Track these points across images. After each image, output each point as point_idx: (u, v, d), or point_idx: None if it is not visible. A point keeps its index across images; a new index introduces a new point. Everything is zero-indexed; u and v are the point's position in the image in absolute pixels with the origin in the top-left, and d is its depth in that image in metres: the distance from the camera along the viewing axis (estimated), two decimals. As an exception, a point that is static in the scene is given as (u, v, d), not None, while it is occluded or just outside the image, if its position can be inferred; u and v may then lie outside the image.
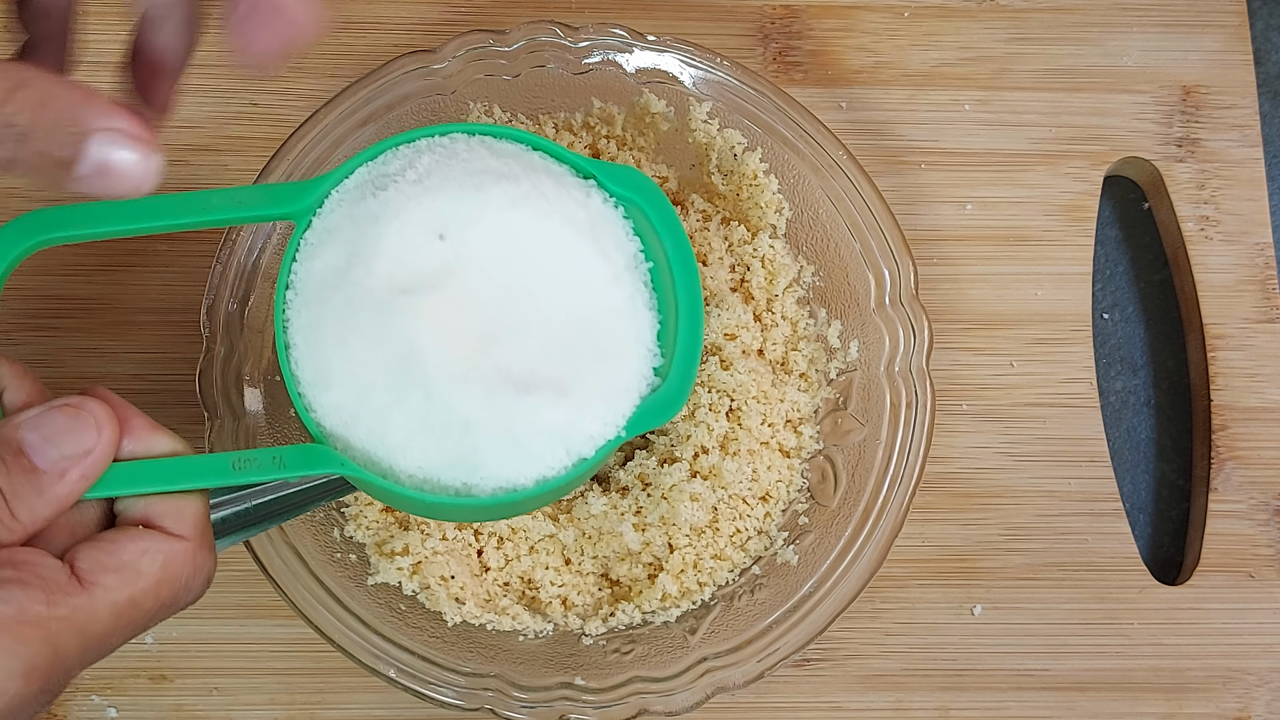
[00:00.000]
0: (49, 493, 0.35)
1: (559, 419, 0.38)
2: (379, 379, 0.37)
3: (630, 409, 0.40)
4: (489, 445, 0.37)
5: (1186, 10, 0.62)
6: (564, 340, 0.39)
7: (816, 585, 0.51)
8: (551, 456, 0.38)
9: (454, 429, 0.37)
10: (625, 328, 0.39)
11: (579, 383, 0.39)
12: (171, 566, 0.36)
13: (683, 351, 0.40)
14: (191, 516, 0.37)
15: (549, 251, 0.39)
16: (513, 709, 0.49)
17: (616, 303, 0.39)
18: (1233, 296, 0.59)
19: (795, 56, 0.62)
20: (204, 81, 0.60)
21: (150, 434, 0.38)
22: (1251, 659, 0.56)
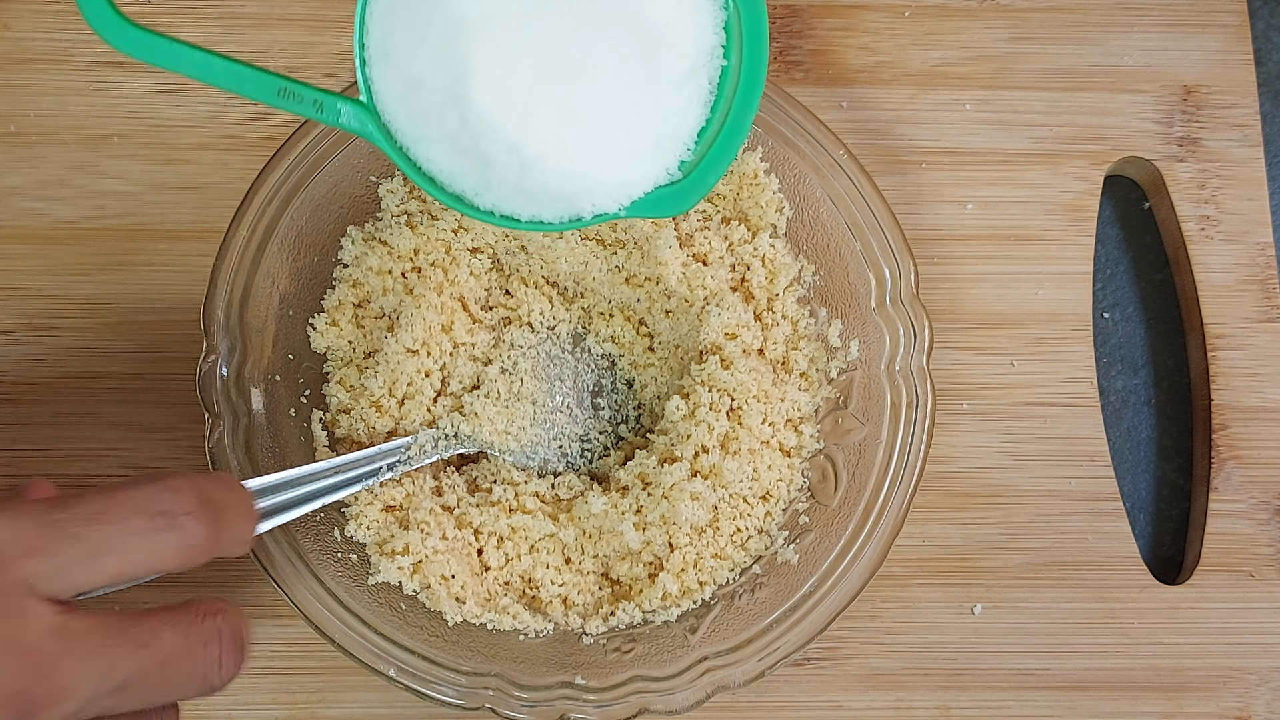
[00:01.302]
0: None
1: (570, 172, 0.40)
2: (427, 80, 0.40)
3: (640, 192, 0.42)
4: (500, 177, 0.40)
5: (1187, 10, 0.62)
6: (605, 105, 0.40)
7: (817, 584, 0.51)
8: (550, 209, 0.41)
9: (475, 155, 0.40)
10: (669, 115, 0.41)
11: (602, 148, 0.41)
12: None
13: (713, 157, 0.41)
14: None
15: (629, 6, 0.39)
16: (513, 708, 0.49)
17: (672, 86, 0.41)
18: (1233, 296, 0.59)
19: (796, 56, 0.62)
20: (204, 81, 0.60)
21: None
22: (1252, 659, 0.56)
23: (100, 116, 0.59)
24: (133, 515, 0.34)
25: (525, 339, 0.55)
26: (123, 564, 0.34)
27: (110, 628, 0.34)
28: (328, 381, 0.55)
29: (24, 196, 0.58)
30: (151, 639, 0.34)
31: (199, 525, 0.35)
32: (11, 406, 0.56)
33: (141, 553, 0.34)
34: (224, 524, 0.37)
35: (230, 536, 0.37)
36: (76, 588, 0.34)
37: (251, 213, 0.52)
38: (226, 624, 0.37)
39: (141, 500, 0.35)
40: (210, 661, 0.36)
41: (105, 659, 0.33)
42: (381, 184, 0.55)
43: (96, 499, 0.34)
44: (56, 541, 0.33)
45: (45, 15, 0.60)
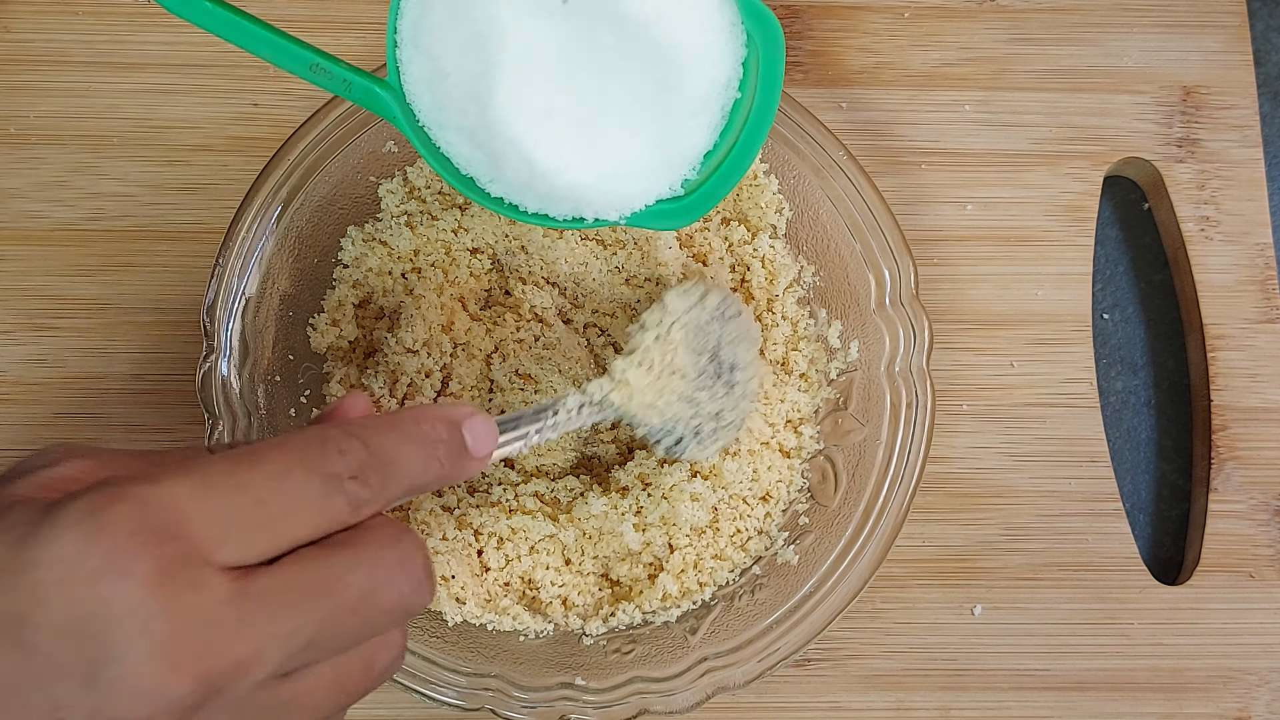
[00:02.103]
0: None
1: (577, 184, 0.42)
2: (453, 74, 0.41)
3: (642, 205, 0.43)
4: (511, 175, 0.42)
5: (1186, 10, 0.62)
6: (618, 127, 0.41)
7: (817, 585, 0.51)
8: (555, 208, 0.43)
9: (490, 150, 0.41)
10: (678, 139, 0.42)
11: (611, 166, 0.42)
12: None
13: (716, 181, 0.43)
14: None
15: (654, 36, 0.40)
16: (513, 709, 0.49)
17: (686, 116, 0.42)
18: (1233, 296, 0.59)
19: (796, 56, 0.62)
20: (204, 81, 0.60)
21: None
22: (1251, 659, 0.56)
23: (100, 118, 0.59)
24: (308, 477, 0.33)
25: (679, 304, 0.50)
26: (300, 527, 0.33)
27: (291, 583, 0.32)
28: (328, 381, 0.55)
29: (24, 198, 0.59)
30: (335, 587, 0.33)
31: (363, 490, 0.34)
32: (11, 406, 0.56)
33: (316, 515, 0.33)
34: (388, 482, 0.35)
35: (396, 492, 0.36)
36: (258, 555, 0.32)
37: (251, 213, 0.52)
38: (409, 549, 0.35)
39: (314, 461, 0.33)
40: (403, 595, 0.35)
41: (289, 619, 0.32)
42: (381, 184, 0.55)
43: (272, 459, 0.33)
44: (238, 508, 0.32)
45: (45, 16, 0.60)
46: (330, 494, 0.33)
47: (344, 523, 0.34)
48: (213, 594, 0.31)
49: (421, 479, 0.37)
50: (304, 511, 0.33)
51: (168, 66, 0.60)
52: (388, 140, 0.54)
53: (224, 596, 0.31)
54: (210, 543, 0.31)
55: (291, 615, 0.32)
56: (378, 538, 0.34)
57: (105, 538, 0.30)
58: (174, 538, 0.31)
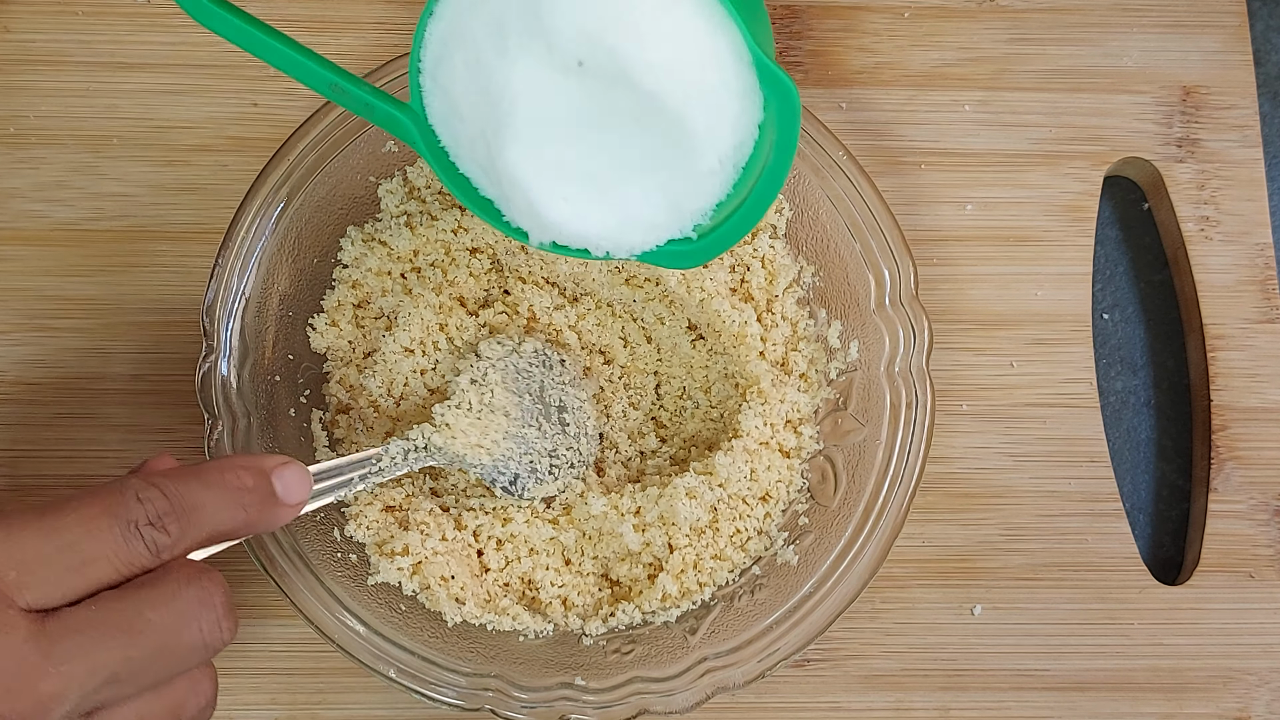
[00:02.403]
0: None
1: (585, 233, 0.43)
2: (467, 116, 0.42)
3: (652, 246, 0.44)
4: (515, 213, 0.44)
5: (1186, 10, 0.62)
6: (630, 187, 0.42)
7: (816, 585, 0.51)
8: (567, 234, 0.44)
9: (499, 189, 0.43)
10: (691, 196, 0.43)
11: (621, 217, 0.43)
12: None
13: (727, 229, 0.44)
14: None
15: (667, 105, 0.40)
16: (513, 709, 0.49)
17: (699, 177, 0.42)
18: (1233, 296, 0.59)
19: (796, 56, 0.62)
20: (204, 81, 0.60)
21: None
22: (1251, 659, 0.56)
23: (100, 118, 0.59)
24: (110, 524, 0.35)
25: (493, 351, 0.54)
26: (102, 571, 0.35)
27: (91, 621, 0.34)
28: (328, 381, 0.55)
29: (24, 198, 0.59)
30: (134, 623, 0.35)
31: (161, 535, 0.36)
32: (11, 406, 0.56)
33: (117, 560, 0.35)
34: (188, 528, 0.37)
35: (199, 537, 0.38)
36: (61, 597, 0.34)
37: (251, 214, 0.52)
38: (207, 587, 0.37)
39: (114, 507, 0.35)
40: (203, 631, 0.36)
41: (90, 656, 0.33)
42: (381, 185, 0.55)
43: (76, 508, 0.35)
44: (40, 555, 0.34)
45: (45, 16, 0.60)
46: (130, 539, 0.35)
47: (145, 567, 0.36)
48: (16, 635, 0.32)
49: (227, 525, 0.39)
50: (106, 556, 0.35)
51: (167, 66, 0.60)
52: (388, 140, 0.54)
53: (24, 636, 0.32)
54: (15, 586, 0.33)
55: (91, 652, 0.34)
56: (175, 576, 0.36)
57: None
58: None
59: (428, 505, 0.52)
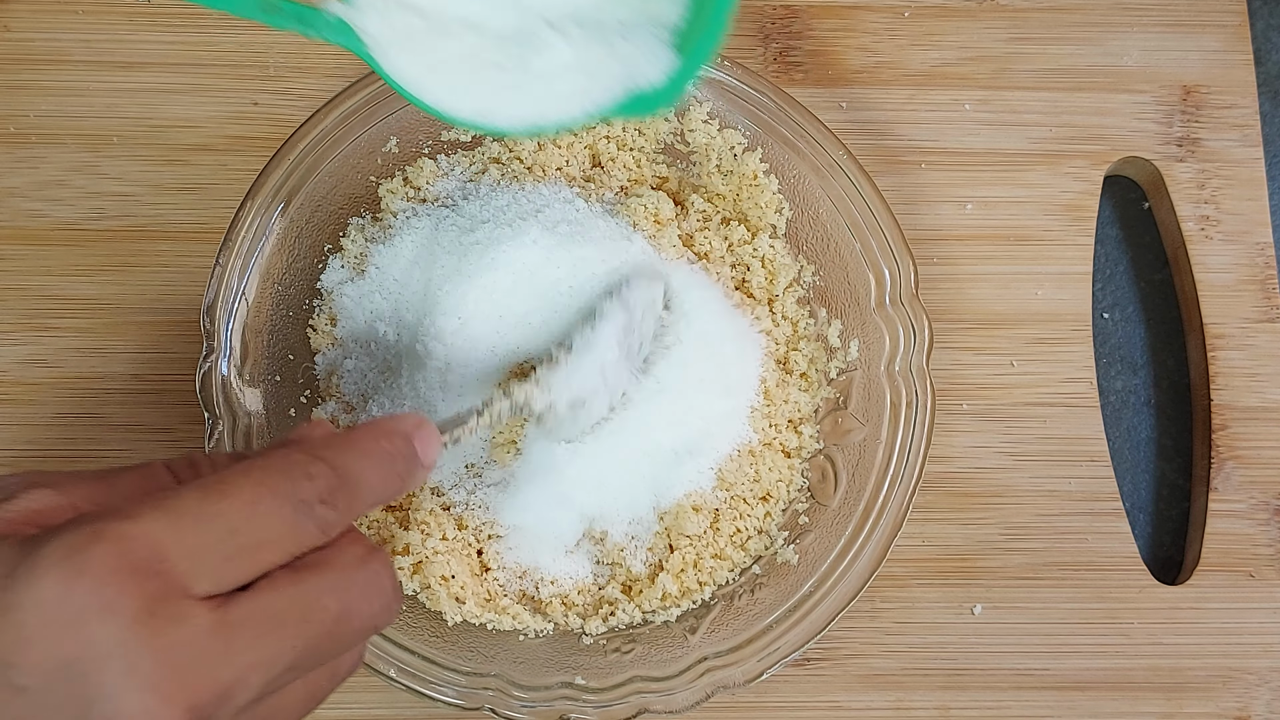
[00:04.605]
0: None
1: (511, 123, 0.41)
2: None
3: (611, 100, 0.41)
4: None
5: (1186, 10, 0.62)
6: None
7: (817, 585, 0.51)
8: (516, 110, 0.42)
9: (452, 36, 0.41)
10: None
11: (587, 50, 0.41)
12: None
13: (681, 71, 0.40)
14: None
15: None
16: (513, 708, 0.49)
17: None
18: (1233, 296, 0.59)
19: (796, 56, 0.62)
20: (204, 81, 0.60)
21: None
22: (1251, 659, 0.56)
23: (100, 117, 0.59)
24: (279, 504, 0.34)
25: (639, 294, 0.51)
26: (273, 554, 0.34)
27: (269, 611, 0.33)
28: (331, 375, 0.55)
29: (24, 197, 0.59)
30: (311, 612, 0.34)
31: (331, 512, 0.35)
32: (11, 406, 0.56)
33: (289, 542, 0.34)
34: (353, 501, 0.36)
35: (361, 509, 0.37)
36: (233, 583, 0.33)
37: (251, 213, 0.52)
38: (378, 570, 0.36)
39: (284, 487, 0.34)
40: (373, 614, 0.36)
41: (270, 646, 0.33)
42: (381, 185, 0.55)
43: (241, 487, 0.34)
44: (213, 540, 0.32)
45: (45, 15, 0.60)
46: (301, 519, 0.34)
47: (314, 545, 0.35)
48: (195, 626, 0.32)
49: (383, 494, 0.38)
50: (277, 539, 0.34)
51: (168, 66, 0.60)
52: (388, 140, 0.54)
53: (206, 628, 0.32)
54: (188, 575, 0.32)
55: (272, 642, 0.33)
56: (347, 559, 0.35)
57: (87, 578, 0.30)
58: (154, 574, 0.31)
59: (428, 505, 0.52)
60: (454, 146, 0.56)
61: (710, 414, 0.52)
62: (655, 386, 0.51)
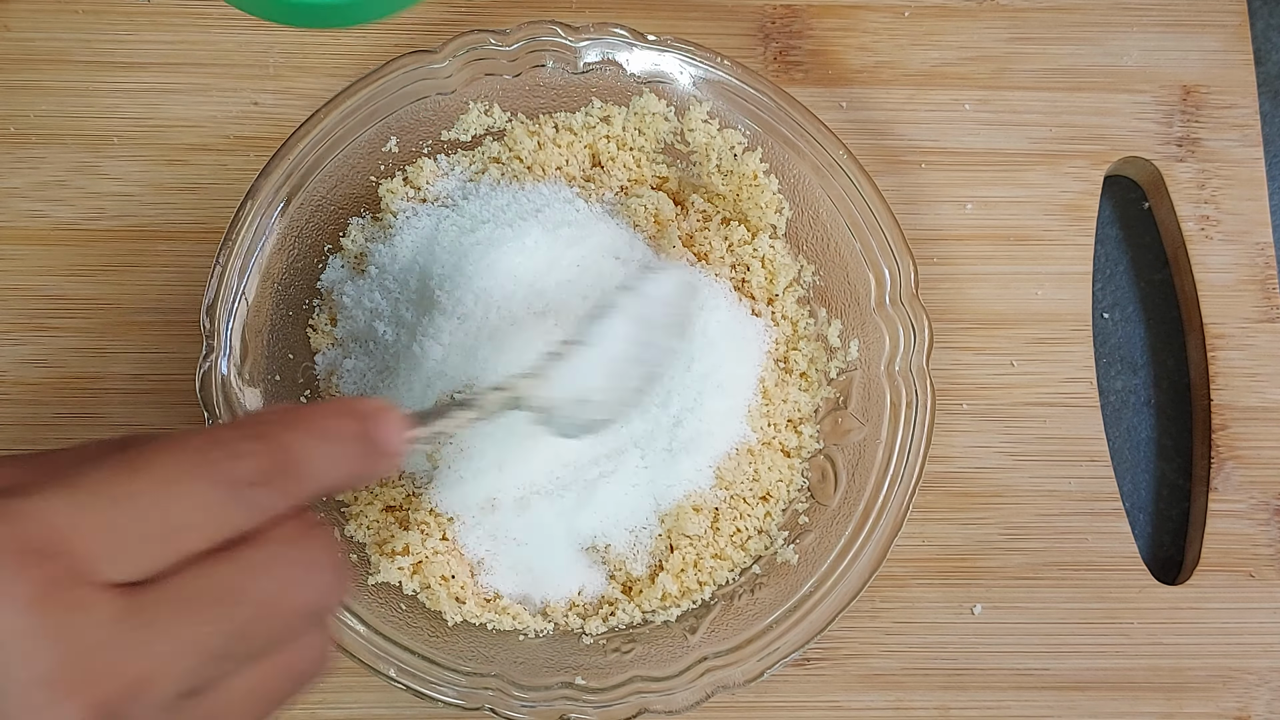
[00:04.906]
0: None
1: None
2: None
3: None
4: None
5: (1186, 10, 0.62)
6: None
7: (817, 585, 0.51)
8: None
9: None
10: None
11: None
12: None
13: None
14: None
15: None
16: (513, 708, 0.49)
17: None
18: (1233, 296, 0.59)
19: (796, 56, 0.62)
20: (204, 81, 0.60)
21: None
22: (1251, 659, 0.56)
23: (100, 117, 0.59)
24: (203, 486, 0.30)
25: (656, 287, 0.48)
26: (193, 539, 0.30)
27: (186, 595, 0.30)
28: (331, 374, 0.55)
29: (23, 197, 0.59)
30: (236, 594, 0.30)
31: (266, 496, 0.31)
32: (11, 406, 0.56)
33: (211, 526, 0.30)
34: (295, 485, 0.32)
35: (304, 495, 0.33)
36: (148, 569, 0.30)
37: (251, 213, 0.52)
38: (311, 547, 0.32)
39: (207, 467, 0.31)
40: (310, 596, 0.32)
41: (183, 633, 0.29)
42: (381, 184, 0.55)
43: (161, 464, 0.30)
44: (121, 521, 0.29)
45: (45, 15, 0.60)
46: (227, 503, 0.31)
47: (243, 529, 0.31)
48: (100, 613, 0.28)
49: (334, 477, 0.33)
50: (198, 523, 0.30)
51: (168, 66, 0.60)
52: (388, 140, 0.54)
53: (112, 615, 0.29)
54: (93, 559, 0.29)
55: (189, 628, 0.30)
56: (280, 536, 0.32)
57: None
58: (53, 555, 0.28)
59: (428, 505, 0.52)
60: (454, 146, 0.56)
61: (707, 412, 0.52)
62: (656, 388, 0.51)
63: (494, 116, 0.55)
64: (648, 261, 0.51)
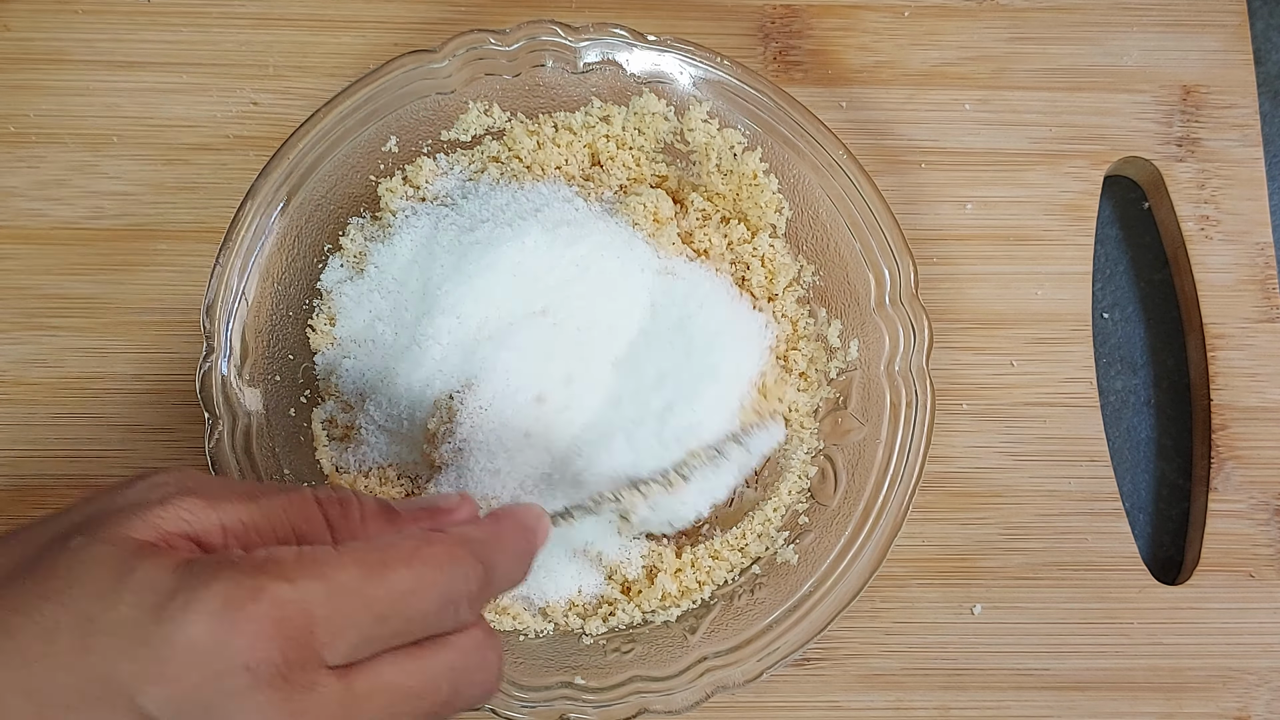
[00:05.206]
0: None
1: None
2: None
3: None
4: None
5: (1186, 10, 0.62)
6: None
7: (816, 585, 0.51)
8: None
9: None
10: None
11: None
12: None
13: None
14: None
15: None
16: (513, 708, 0.49)
17: None
18: (1233, 296, 0.59)
19: (795, 56, 0.62)
20: (204, 81, 0.60)
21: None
22: (1251, 659, 0.56)
23: (100, 116, 0.59)
24: (433, 599, 0.35)
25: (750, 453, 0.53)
26: (409, 637, 0.34)
27: (390, 686, 0.34)
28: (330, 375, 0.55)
29: (23, 197, 0.59)
30: (429, 691, 0.35)
31: (472, 611, 0.36)
32: (11, 406, 0.56)
33: (426, 630, 0.35)
34: (491, 595, 0.37)
35: (491, 595, 0.38)
36: (364, 656, 0.34)
37: (251, 213, 0.52)
38: (492, 653, 0.37)
39: (443, 586, 0.35)
40: (480, 694, 0.37)
41: (391, 715, 0.34)
42: (381, 184, 0.55)
43: (409, 569, 0.34)
44: (362, 621, 0.33)
45: (45, 15, 0.60)
46: (445, 614, 0.35)
47: (444, 633, 0.36)
48: (324, 694, 0.32)
49: (507, 588, 0.39)
50: (419, 626, 0.35)
51: (168, 66, 0.60)
52: (388, 139, 0.54)
53: (334, 697, 0.32)
54: (328, 647, 0.32)
55: (389, 716, 0.34)
56: (468, 643, 0.36)
57: (240, 633, 0.31)
58: (301, 642, 0.32)
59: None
60: (453, 146, 0.56)
61: (702, 403, 0.52)
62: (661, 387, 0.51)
63: (494, 116, 0.55)
64: (756, 422, 0.53)
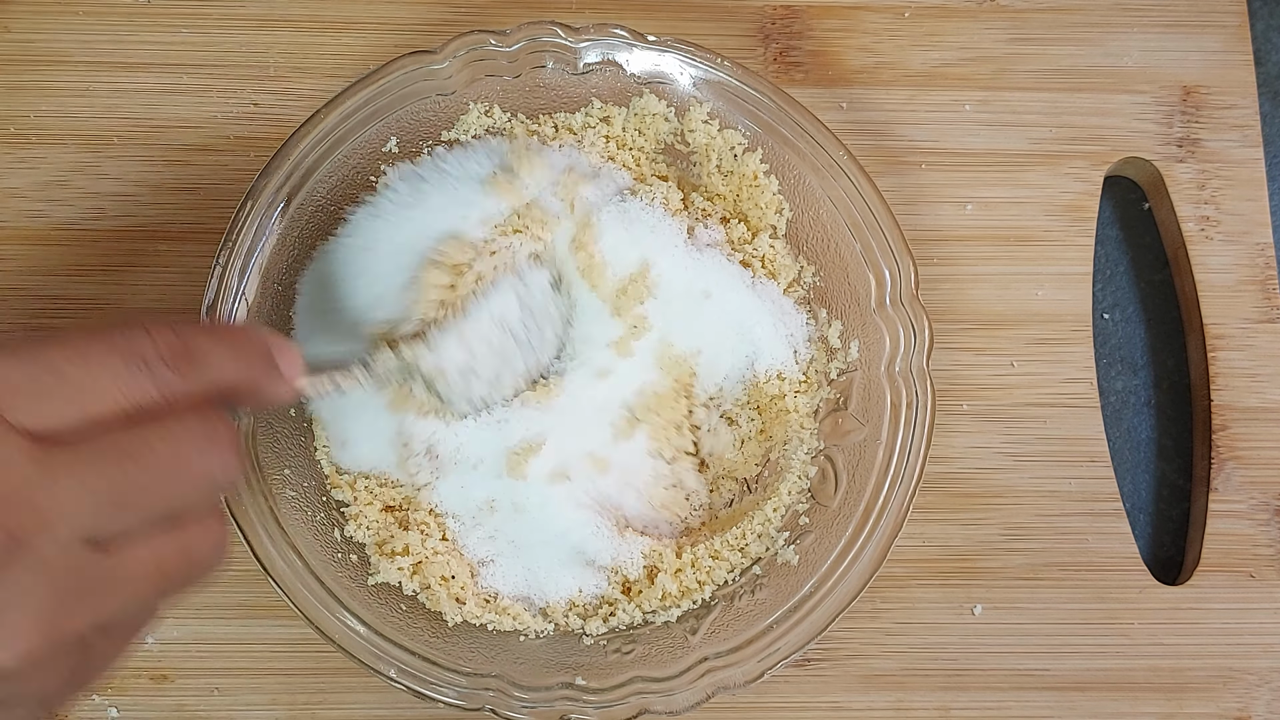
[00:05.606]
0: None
1: None
2: None
3: None
4: None
5: (1186, 10, 0.63)
6: None
7: (817, 585, 0.51)
8: None
9: None
10: None
11: None
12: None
13: None
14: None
15: None
16: (513, 709, 0.49)
17: None
18: (1233, 296, 0.59)
19: (796, 56, 0.62)
20: (204, 81, 0.60)
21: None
22: (1251, 659, 0.56)
23: (100, 117, 0.59)
24: (113, 355, 0.34)
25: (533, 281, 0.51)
26: (101, 401, 0.34)
27: (93, 446, 0.33)
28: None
29: (24, 198, 0.59)
30: (139, 450, 0.34)
31: (170, 373, 0.35)
32: (11, 407, 0.56)
33: (119, 392, 0.34)
34: (197, 371, 0.36)
35: (205, 382, 0.36)
36: (58, 424, 0.33)
37: (251, 213, 0.52)
38: (213, 423, 0.35)
39: (120, 342, 0.34)
40: (208, 464, 0.35)
41: (89, 475, 0.33)
42: (381, 184, 0.55)
43: (77, 341, 0.34)
44: (35, 377, 0.33)
45: (45, 16, 0.60)
46: (134, 372, 0.34)
47: (149, 403, 0.34)
48: (13, 449, 0.32)
49: (232, 377, 0.37)
50: (107, 389, 0.34)
51: (168, 66, 0.60)
52: (388, 140, 0.54)
53: (25, 454, 0.32)
54: (12, 408, 0.32)
55: (94, 474, 0.33)
56: (186, 413, 0.35)
57: None
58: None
59: (428, 505, 0.52)
60: (454, 146, 0.56)
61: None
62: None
63: (494, 117, 0.55)
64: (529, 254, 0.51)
